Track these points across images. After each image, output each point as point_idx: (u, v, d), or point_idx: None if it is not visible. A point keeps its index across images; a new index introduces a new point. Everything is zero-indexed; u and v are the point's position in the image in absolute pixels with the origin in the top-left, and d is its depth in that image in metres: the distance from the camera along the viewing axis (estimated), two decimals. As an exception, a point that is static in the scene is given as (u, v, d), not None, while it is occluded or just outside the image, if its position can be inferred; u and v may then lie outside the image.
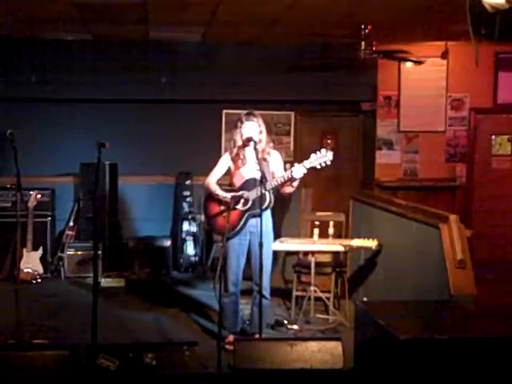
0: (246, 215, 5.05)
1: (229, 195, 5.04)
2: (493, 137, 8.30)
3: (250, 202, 5.02)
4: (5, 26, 6.80)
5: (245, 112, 5.15)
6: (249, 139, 4.97)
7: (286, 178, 4.92)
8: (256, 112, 5.15)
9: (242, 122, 5.06)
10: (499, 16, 3.62)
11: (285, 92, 7.94)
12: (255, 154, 4.88)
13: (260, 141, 5.02)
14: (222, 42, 7.65)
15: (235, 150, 5.15)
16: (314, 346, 3.93)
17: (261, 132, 5.06)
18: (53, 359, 3.83)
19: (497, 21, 3.67)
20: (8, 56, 7.60)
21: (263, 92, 7.87)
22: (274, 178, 5.03)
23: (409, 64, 7.94)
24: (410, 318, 3.84)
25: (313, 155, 4.86)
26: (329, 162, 4.84)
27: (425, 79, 8.12)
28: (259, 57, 7.80)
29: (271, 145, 5.20)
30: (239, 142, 5.11)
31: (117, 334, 5.35)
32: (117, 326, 5.66)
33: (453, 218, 4.68)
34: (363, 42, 6.77)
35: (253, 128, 5.02)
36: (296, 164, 4.90)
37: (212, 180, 5.21)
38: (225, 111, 8.25)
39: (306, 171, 4.87)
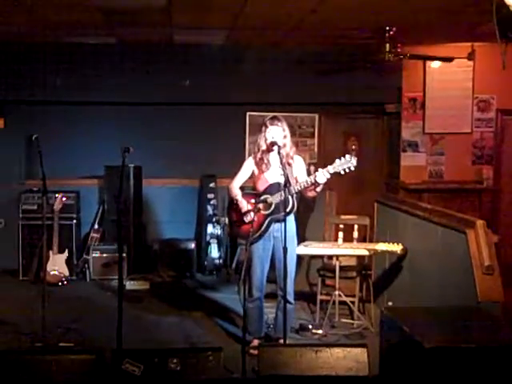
0: (269, 219, 5.05)
1: (249, 206, 5.04)
2: (520, 138, 8.19)
3: (273, 206, 5.01)
4: (31, 31, 6.87)
5: (269, 116, 5.14)
6: (273, 144, 4.97)
7: (310, 183, 4.91)
8: (280, 116, 5.14)
9: (266, 127, 5.05)
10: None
11: (309, 94, 7.93)
12: (279, 159, 4.87)
13: (284, 145, 5.01)
14: (246, 45, 7.65)
15: (259, 155, 5.14)
16: (339, 352, 3.90)
17: (285, 137, 5.05)
18: (79, 363, 3.85)
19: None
20: (33, 60, 7.67)
21: (287, 94, 7.87)
22: (297, 182, 5.02)
23: (436, 64, 7.87)
24: (436, 325, 3.80)
25: (337, 160, 4.85)
26: (353, 168, 4.83)
27: (451, 80, 8.03)
28: (283, 59, 7.79)
29: (294, 149, 5.18)
30: (263, 147, 5.10)
31: (141, 337, 5.37)
32: (141, 329, 5.69)
33: (479, 223, 4.63)
34: (388, 44, 6.72)
35: (277, 132, 5.01)
36: (320, 169, 4.88)
37: (235, 185, 5.22)
38: (249, 113, 8.24)
39: (329, 176, 4.85)
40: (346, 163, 4.81)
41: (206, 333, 5.65)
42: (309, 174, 5.21)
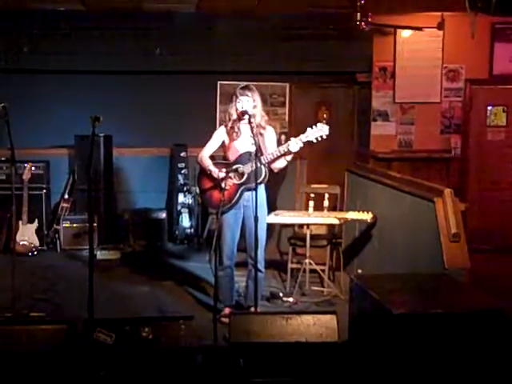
0: (242, 189, 5.05)
1: (221, 174, 5.02)
2: (488, 108, 8.26)
3: (246, 176, 5.02)
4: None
5: (240, 86, 5.11)
6: (243, 113, 4.96)
7: (282, 152, 4.92)
8: (252, 86, 5.11)
9: (236, 97, 5.03)
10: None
11: (280, 63, 7.90)
12: (250, 128, 4.86)
13: (254, 115, 4.99)
14: (217, 13, 7.58)
15: (230, 124, 5.13)
16: (309, 319, 3.97)
17: (255, 107, 5.03)
18: (50, 333, 3.86)
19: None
20: (0, 27, 7.51)
21: (258, 63, 7.82)
22: (268, 152, 5.02)
23: (406, 33, 7.88)
24: (404, 292, 3.87)
25: (309, 129, 4.87)
26: (325, 136, 4.87)
27: (420, 50, 8.05)
28: (254, 28, 7.73)
29: (266, 119, 5.17)
30: (234, 116, 5.09)
31: (113, 306, 5.39)
32: (113, 298, 5.69)
33: (447, 191, 4.70)
34: (358, 13, 6.71)
35: (247, 102, 5.00)
36: (292, 138, 4.90)
37: (205, 154, 5.20)
38: (220, 82, 8.20)
39: (302, 145, 4.88)
40: (318, 131, 4.85)
41: (177, 301, 5.69)
42: (279, 144, 5.21)
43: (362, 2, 6.62)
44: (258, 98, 5.08)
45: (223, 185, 4.91)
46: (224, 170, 5.05)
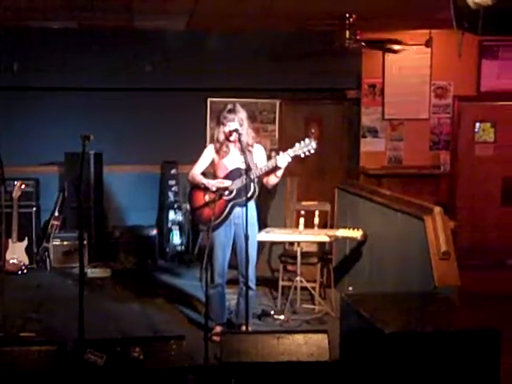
0: (230, 205, 5.06)
1: (216, 182, 5.05)
2: (476, 124, 8.33)
3: (235, 192, 5.03)
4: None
5: (227, 108, 5.09)
6: (231, 132, 4.98)
7: (271, 167, 4.94)
8: (237, 107, 5.09)
9: (223, 124, 5.04)
10: (482, 11, 3.65)
11: (270, 80, 7.93)
12: (240, 145, 4.88)
13: (242, 134, 5.01)
14: (207, 31, 7.61)
15: (218, 144, 5.15)
16: (300, 338, 3.97)
17: (241, 125, 5.03)
18: (40, 354, 3.83)
19: (480, 16, 3.69)
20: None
21: (248, 80, 7.85)
22: (257, 168, 5.04)
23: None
24: (395, 311, 3.89)
25: (297, 144, 4.90)
26: (312, 151, 4.88)
27: (409, 67, 8.12)
28: (244, 45, 7.76)
29: (253, 135, 5.18)
30: (222, 138, 5.10)
31: (103, 326, 5.36)
32: (103, 317, 5.66)
33: (437, 209, 4.72)
34: (347, 31, 6.77)
35: (233, 126, 5.00)
36: (280, 152, 4.92)
37: (197, 172, 5.21)
38: (210, 99, 8.21)
39: (290, 160, 4.90)
40: (306, 146, 4.86)
41: (168, 320, 5.67)
42: (269, 160, 5.22)
43: (351, 20, 6.67)
44: (245, 117, 5.09)
45: (215, 200, 4.93)
46: (214, 188, 5.05)
